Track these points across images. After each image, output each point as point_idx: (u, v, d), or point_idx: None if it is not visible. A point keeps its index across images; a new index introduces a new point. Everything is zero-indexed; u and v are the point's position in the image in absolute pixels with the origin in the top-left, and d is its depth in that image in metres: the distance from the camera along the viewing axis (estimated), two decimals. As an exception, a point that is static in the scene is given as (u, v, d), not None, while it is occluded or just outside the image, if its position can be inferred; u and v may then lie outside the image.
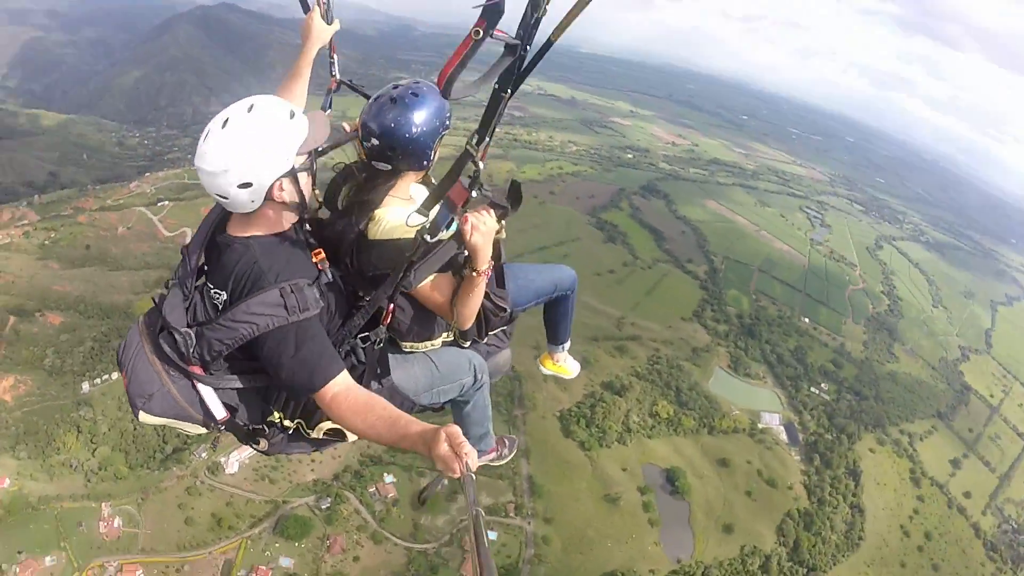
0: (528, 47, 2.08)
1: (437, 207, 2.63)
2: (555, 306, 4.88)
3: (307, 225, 3.24)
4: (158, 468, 58.96)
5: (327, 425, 3.14)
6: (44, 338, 70.00)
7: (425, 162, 3.36)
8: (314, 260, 3.01)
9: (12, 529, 53.07)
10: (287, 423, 3.23)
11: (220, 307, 2.86)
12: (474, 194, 2.60)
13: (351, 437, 3.15)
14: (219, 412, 2.96)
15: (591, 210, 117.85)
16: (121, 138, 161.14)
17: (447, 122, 3.34)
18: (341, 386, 2.74)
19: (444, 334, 3.75)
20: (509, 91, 2.20)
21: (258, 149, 2.71)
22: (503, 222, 3.18)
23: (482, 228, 2.92)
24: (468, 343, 3.82)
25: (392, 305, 3.21)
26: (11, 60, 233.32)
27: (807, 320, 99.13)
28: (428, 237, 2.65)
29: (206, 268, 3.03)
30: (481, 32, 2.03)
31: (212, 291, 2.90)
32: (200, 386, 2.89)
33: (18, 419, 60.54)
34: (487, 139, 2.37)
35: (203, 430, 3.08)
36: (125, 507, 55.98)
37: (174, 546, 53.80)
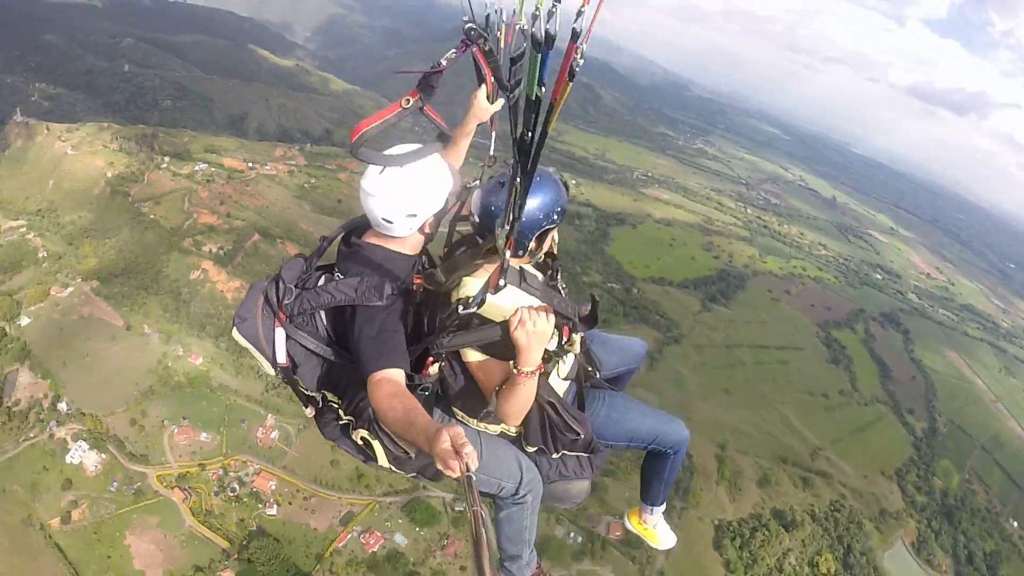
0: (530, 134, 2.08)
1: (480, 282, 2.92)
2: (653, 461, 4.49)
3: (425, 256, 3.62)
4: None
5: (362, 433, 3.21)
6: (277, 261, 78.54)
7: (520, 251, 3.36)
8: (415, 281, 3.25)
9: (187, 399, 63.49)
10: (342, 414, 3.36)
11: None
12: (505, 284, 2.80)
13: (381, 459, 3.23)
14: (280, 356, 3.35)
15: (823, 323, 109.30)
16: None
17: (553, 216, 3.33)
18: (391, 377, 2.93)
19: (501, 426, 3.58)
20: (519, 181, 2.31)
21: (431, 189, 3.25)
22: (574, 336, 3.22)
23: (528, 326, 2.88)
24: (532, 449, 3.64)
25: (434, 360, 3.26)
26: (316, 28, 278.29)
27: (1016, 524, 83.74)
28: (461, 307, 2.92)
29: (338, 260, 3.52)
30: (411, 102, 2.08)
31: (336, 275, 3.41)
32: (277, 329, 3.34)
33: (231, 316, 69.44)
34: (507, 227, 2.54)
35: (271, 370, 3.45)
36: (286, 425, 63.02)
37: (312, 477, 59.13)
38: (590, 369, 3.77)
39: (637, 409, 4.17)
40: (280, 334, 3.33)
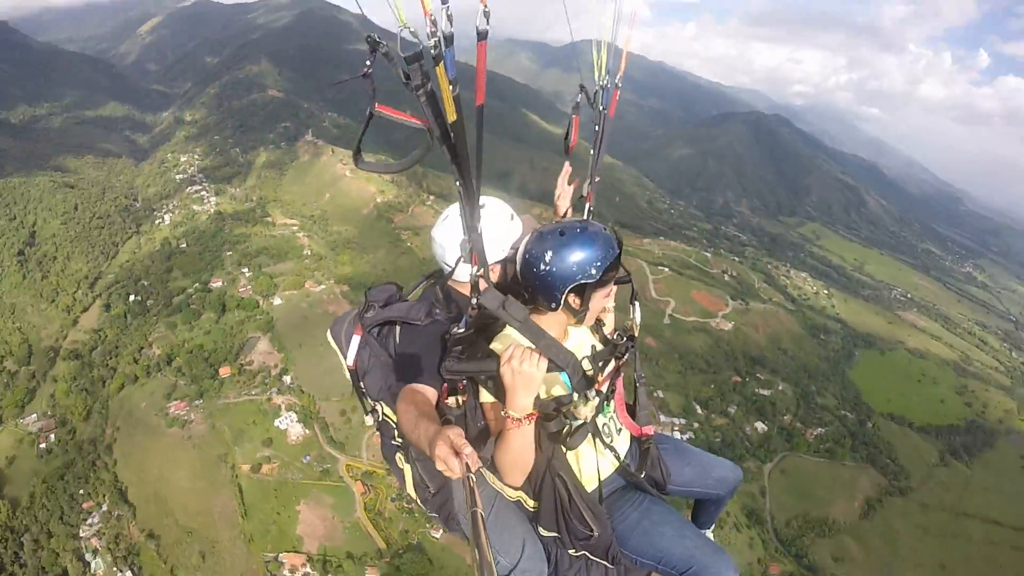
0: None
1: (517, 336, 2.96)
2: (703, 502, 4.30)
3: None
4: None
5: (399, 455, 3.34)
6: None
7: (552, 304, 3.07)
8: (470, 312, 3.16)
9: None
10: (396, 433, 3.36)
11: None
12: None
13: (408, 485, 3.36)
14: (349, 359, 3.49)
15: None
16: (652, 199, 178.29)
17: (590, 271, 2.98)
18: (416, 389, 3.01)
19: (519, 493, 3.26)
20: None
21: (488, 238, 3.06)
22: (576, 398, 2.98)
23: (515, 364, 2.67)
24: (547, 534, 3.32)
25: (451, 390, 3.15)
26: (585, 101, 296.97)
27: None
28: (455, 328, 2.96)
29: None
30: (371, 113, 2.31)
31: None
32: (355, 336, 3.48)
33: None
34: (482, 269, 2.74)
35: (347, 373, 3.59)
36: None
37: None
38: (626, 462, 3.45)
39: (676, 525, 3.38)
40: (355, 340, 3.48)
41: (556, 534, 3.24)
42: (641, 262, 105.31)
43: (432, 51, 1.84)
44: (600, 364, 3.14)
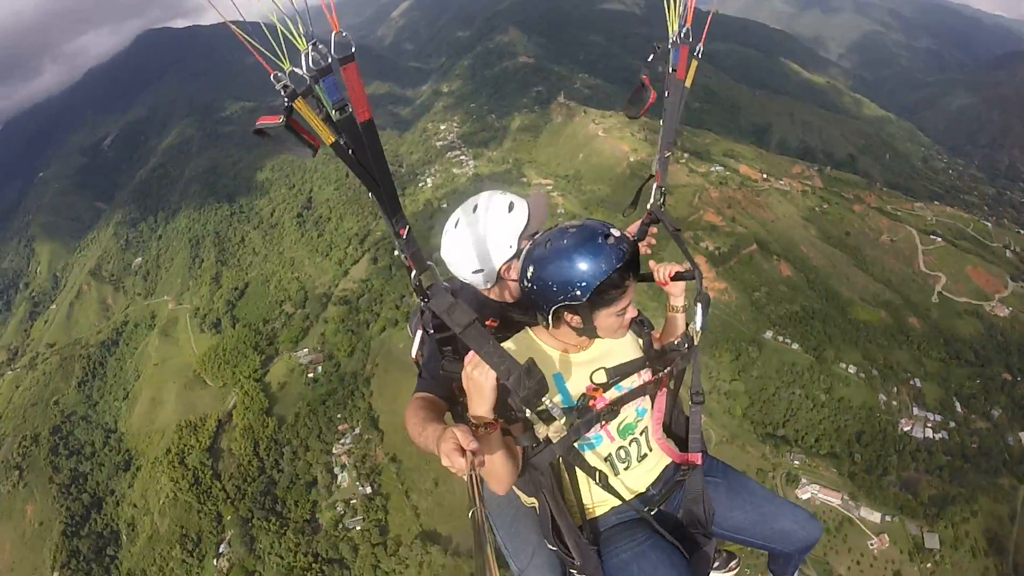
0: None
1: (514, 347, 2.93)
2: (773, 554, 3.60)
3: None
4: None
5: None
6: (767, 276, 78.46)
7: (544, 323, 2.87)
8: (488, 324, 3.13)
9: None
10: None
11: None
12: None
13: None
14: (413, 352, 3.47)
15: None
16: (928, 156, 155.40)
17: (575, 293, 2.62)
18: (425, 395, 3.06)
19: (524, 496, 3.31)
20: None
21: (483, 243, 3.17)
22: (531, 413, 2.59)
23: (468, 368, 2.49)
24: (551, 547, 3.06)
25: (459, 391, 2.94)
26: (851, 45, 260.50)
27: None
28: (429, 329, 2.87)
29: None
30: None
31: None
32: (418, 331, 3.47)
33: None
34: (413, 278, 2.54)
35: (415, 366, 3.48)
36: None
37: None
38: (650, 492, 3.15)
39: None
40: (419, 335, 3.47)
41: (555, 549, 3.04)
42: (911, 229, 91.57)
43: (311, 81, 1.92)
44: (616, 379, 2.92)
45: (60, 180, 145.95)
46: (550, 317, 2.74)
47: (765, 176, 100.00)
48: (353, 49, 1.89)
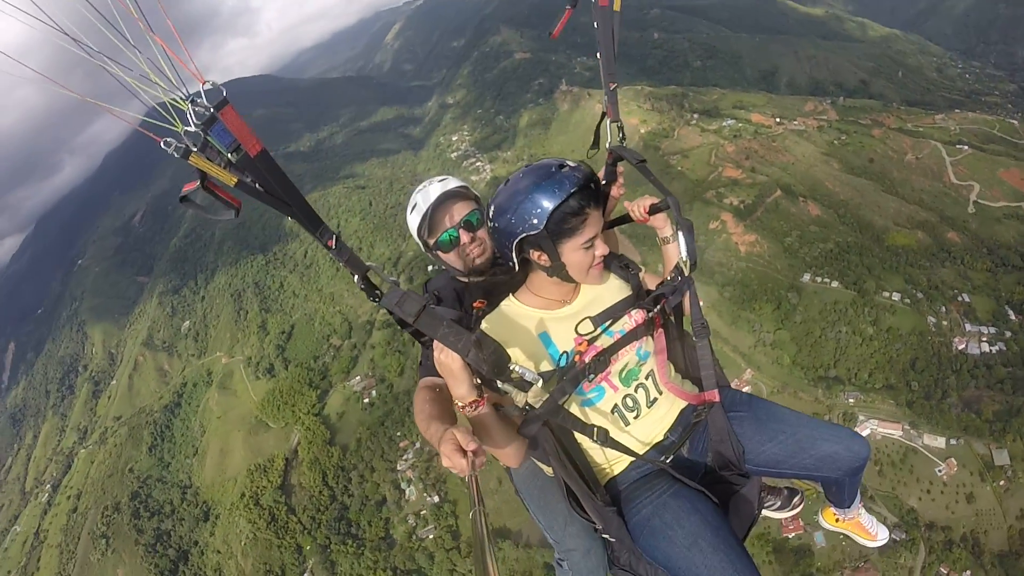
0: None
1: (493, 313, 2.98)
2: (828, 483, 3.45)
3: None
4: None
5: None
6: (796, 220, 77.44)
7: (511, 263, 2.82)
8: (474, 306, 3.04)
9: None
10: None
11: None
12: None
13: None
14: None
15: None
16: (941, 65, 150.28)
17: (532, 222, 2.62)
18: (432, 382, 2.98)
19: (546, 467, 3.30)
20: None
21: (410, 214, 3.61)
22: (502, 383, 2.54)
23: (436, 353, 2.50)
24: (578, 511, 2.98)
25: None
26: None
27: None
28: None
29: None
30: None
31: None
32: None
33: (740, 268, 72.74)
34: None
35: None
36: (760, 383, 63.23)
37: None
38: (667, 440, 2.99)
39: (691, 529, 2.62)
40: None
41: (573, 511, 2.99)
42: (935, 143, 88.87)
43: (203, 135, 1.97)
44: (605, 323, 2.82)
45: (99, 263, 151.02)
46: (515, 256, 2.73)
47: (778, 120, 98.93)
48: (224, 93, 1.98)
